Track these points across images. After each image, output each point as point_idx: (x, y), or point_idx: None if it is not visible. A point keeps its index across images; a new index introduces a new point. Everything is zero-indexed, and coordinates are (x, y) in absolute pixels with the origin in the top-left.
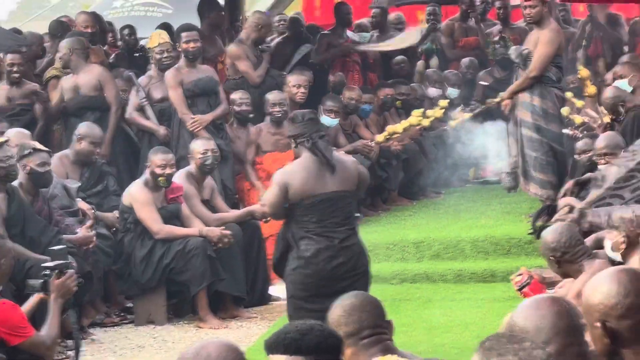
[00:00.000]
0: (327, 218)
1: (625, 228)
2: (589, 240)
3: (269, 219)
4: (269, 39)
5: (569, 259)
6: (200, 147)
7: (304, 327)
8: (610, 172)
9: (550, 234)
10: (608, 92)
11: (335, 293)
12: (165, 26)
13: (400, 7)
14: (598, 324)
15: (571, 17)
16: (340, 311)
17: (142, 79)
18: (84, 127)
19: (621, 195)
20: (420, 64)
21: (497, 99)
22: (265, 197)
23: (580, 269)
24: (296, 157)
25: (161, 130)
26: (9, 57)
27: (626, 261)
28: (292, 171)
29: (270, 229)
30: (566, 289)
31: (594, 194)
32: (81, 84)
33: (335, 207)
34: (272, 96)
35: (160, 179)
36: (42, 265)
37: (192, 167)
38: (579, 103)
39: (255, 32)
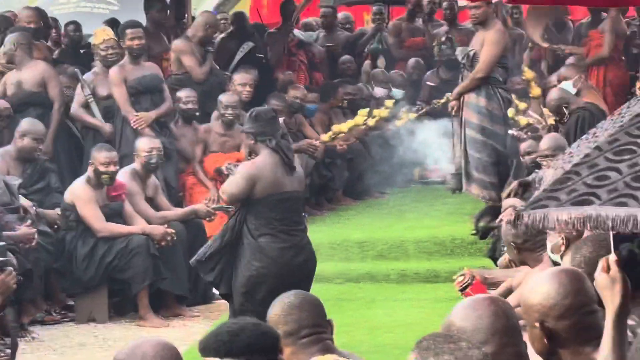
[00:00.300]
0: (289, 216)
1: (562, 230)
2: None
3: (213, 218)
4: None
5: (529, 247)
6: (146, 145)
7: (235, 328)
8: (548, 174)
9: None
10: (552, 94)
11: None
12: (112, 22)
13: (351, 7)
14: (537, 324)
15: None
16: (279, 310)
17: (88, 76)
18: (26, 124)
19: (557, 197)
20: (366, 64)
21: (443, 100)
22: (228, 187)
23: (539, 258)
24: (251, 154)
25: (106, 127)
26: None
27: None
28: (261, 167)
29: (214, 228)
30: (523, 274)
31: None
32: (25, 80)
33: (295, 206)
34: (224, 98)
35: (104, 176)
36: None
37: (136, 165)
38: (521, 105)
39: (203, 31)
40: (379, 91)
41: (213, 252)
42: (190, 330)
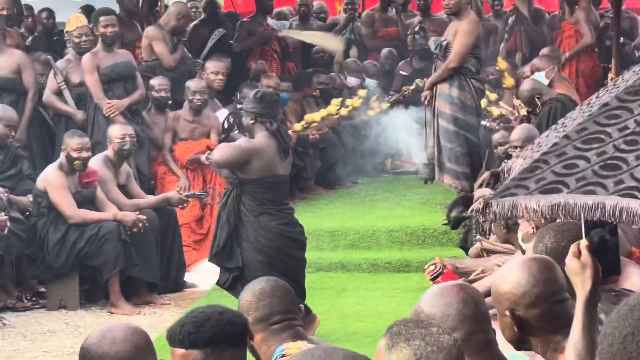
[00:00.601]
0: (280, 199)
1: (531, 218)
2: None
3: (185, 205)
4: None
5: (518, 228)
6: (118, 132)
7: (200, 318)
8: (517, 164)
9: None
10: (525, 85)
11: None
12: (86, 9)
13: None
14: (507, 313)
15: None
16: (250, 296)
17: (60, 63)
18: None
19: (526, 185)
20: (339, 54)
21: (413, 86)
22: (219, 152)
23: None
24: (248, 133)
25: (79, 114)
26: None
27: None
28: (258, 147)
29: (186, 216)
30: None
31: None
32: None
33: (285, 189)
34: (192, 84)
35: (76, 162)
36: None
37: (109, 152)
38: (492, 96)
39: (175, 20)
40: (351, 81)
41: (225, 238)
42: (160, 317)
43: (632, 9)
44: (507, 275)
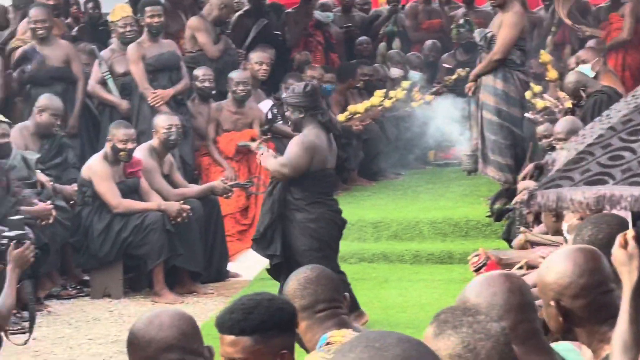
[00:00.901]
0: (328, 190)
1: (576, 210)
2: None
3: (229, 195)
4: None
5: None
6: (165, 122)
7: (249, 305)
8: (561, 155)
9: None
10: (570, 77)
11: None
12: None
13: None
14: (552, 303)
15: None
16: (295, 284)
17: (105, 53)
18: (45, 99)
19: (571, 177)
20: (382, 45)
21: (455, 76)
22: (290, 159)
23: None
24: (294, 127)
25: (123, 104)
26: None
27: None
28: (316, 140)
29: (231, 206)
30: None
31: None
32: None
33: (333, 181)
34: (236, 75)
35: (121, 153)
36: (1, 234)
37: (154, 141)
38: (536, 88)
39: (218, 10)
40: (394, 72)
41: (267, 225)
42: (204, 307)
43: None
44: (553, 265)
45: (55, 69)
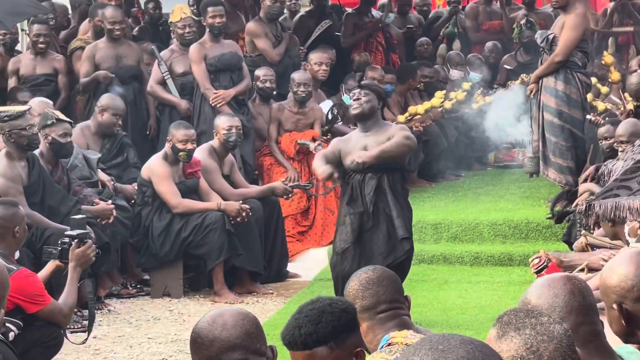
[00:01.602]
0: None
1: (632, 217)
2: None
3: (290, 196)
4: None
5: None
6: (225, 123)
7: (314, 315)
8: (618, 166)
9: None
10: (633, 78)
11: None
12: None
13: None
14: (615, 306)
15: None
16: (357, 285)
17: (165, 53)
18: (106, 99)
19: (629, 186)
20: (442, 47)
21: (518, 81)
22: (403, 146)
23: None
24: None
25: (183, 104)
26: (36, 28)
27: None
28: None
29: (292, 207)
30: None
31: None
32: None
33: None
34: (297, 75)
35: (181, 154)
36: (64, 233)
37: (215, 142)
38: (603, 89)
39: (270, 1)
40: (455, 73)
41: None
42: (264, 307)
43: None
44: (615, 268)
45: (129, 67)
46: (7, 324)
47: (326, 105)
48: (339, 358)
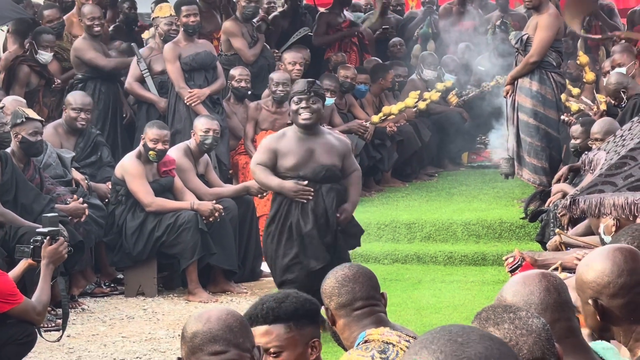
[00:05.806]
0: None
1: (618, 215)
2: (580, 227)
3: (264, 195)
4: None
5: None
6: (203, 125)
7: (280, 295)
8: (600, 157)
9: None
10: (612, 78)
11: None
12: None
13: None
14: (590, 302)
15: None
16: (333, 282)
17: (144, 51)
18: (69, 96)
19: (613, 182)
20: (416, 47)
21: (493, 82)
22: None
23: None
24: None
25: (162, 102)
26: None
27: None
28: None
29: (265, 206)
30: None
31: (587, 180)
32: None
33: None
34: (276, 75)
35: (150, 153)
36: (36, 231)
37: (192, 142)
38: (574, 90)
39: (245, 2)
40: (428, 74)
41: None
42: (238, 306)
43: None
44: (592, 264)
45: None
46: None
47: None
48: (294, 341)
